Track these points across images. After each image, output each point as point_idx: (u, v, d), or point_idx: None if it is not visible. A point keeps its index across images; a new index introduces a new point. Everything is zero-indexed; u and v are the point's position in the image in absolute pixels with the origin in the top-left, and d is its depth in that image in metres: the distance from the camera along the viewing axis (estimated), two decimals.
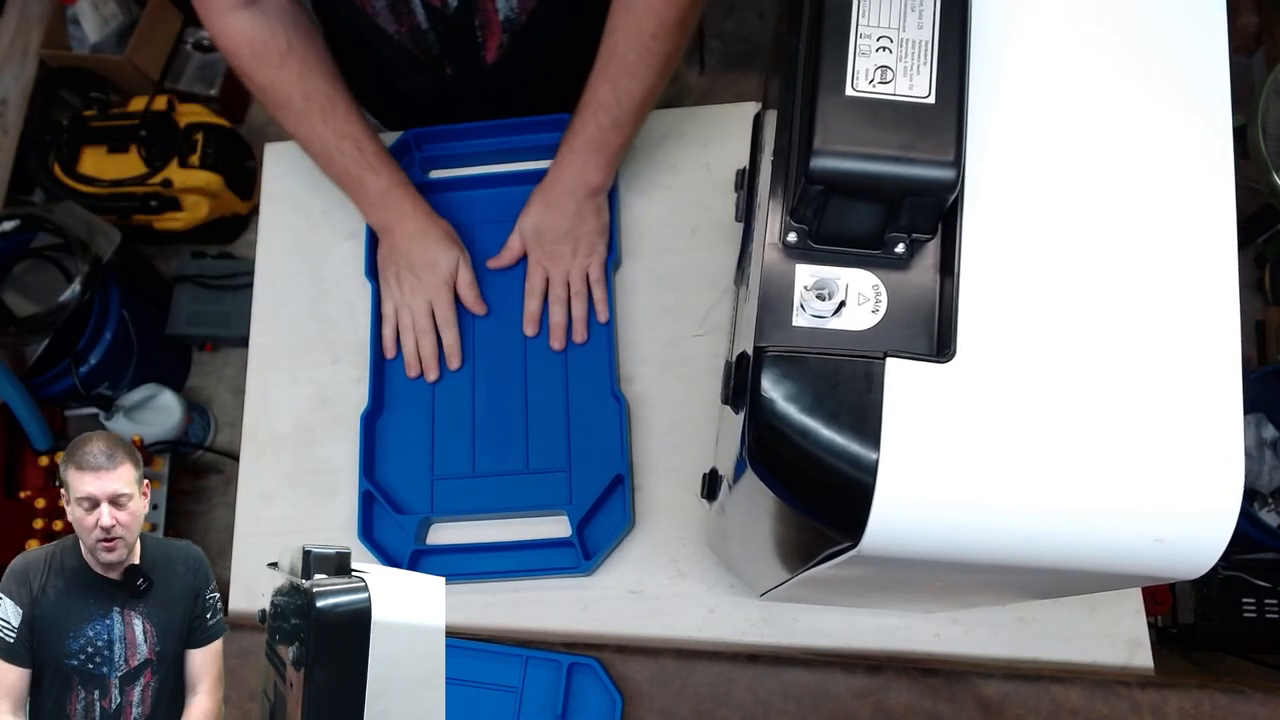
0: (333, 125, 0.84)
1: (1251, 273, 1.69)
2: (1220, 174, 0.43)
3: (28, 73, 1.81)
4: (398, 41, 0.89)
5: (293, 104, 0.83)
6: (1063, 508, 0.39)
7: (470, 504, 0.86)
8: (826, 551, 0.46)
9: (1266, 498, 1.42)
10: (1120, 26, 0.44)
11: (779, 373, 0.40)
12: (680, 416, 0.88)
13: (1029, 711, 0.75)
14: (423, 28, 0.87)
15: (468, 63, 0.91)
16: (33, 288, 1.57)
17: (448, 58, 0.91)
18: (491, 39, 0.89)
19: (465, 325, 0.92)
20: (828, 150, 0.39)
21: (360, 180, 0.87)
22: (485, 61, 0.91)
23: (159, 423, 1.63)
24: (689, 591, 0.83)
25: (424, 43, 0.88)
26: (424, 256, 0.88)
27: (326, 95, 0.84)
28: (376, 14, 0.86)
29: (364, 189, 0.87)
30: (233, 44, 0.82)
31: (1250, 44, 1.75)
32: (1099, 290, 0.41)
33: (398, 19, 0.86)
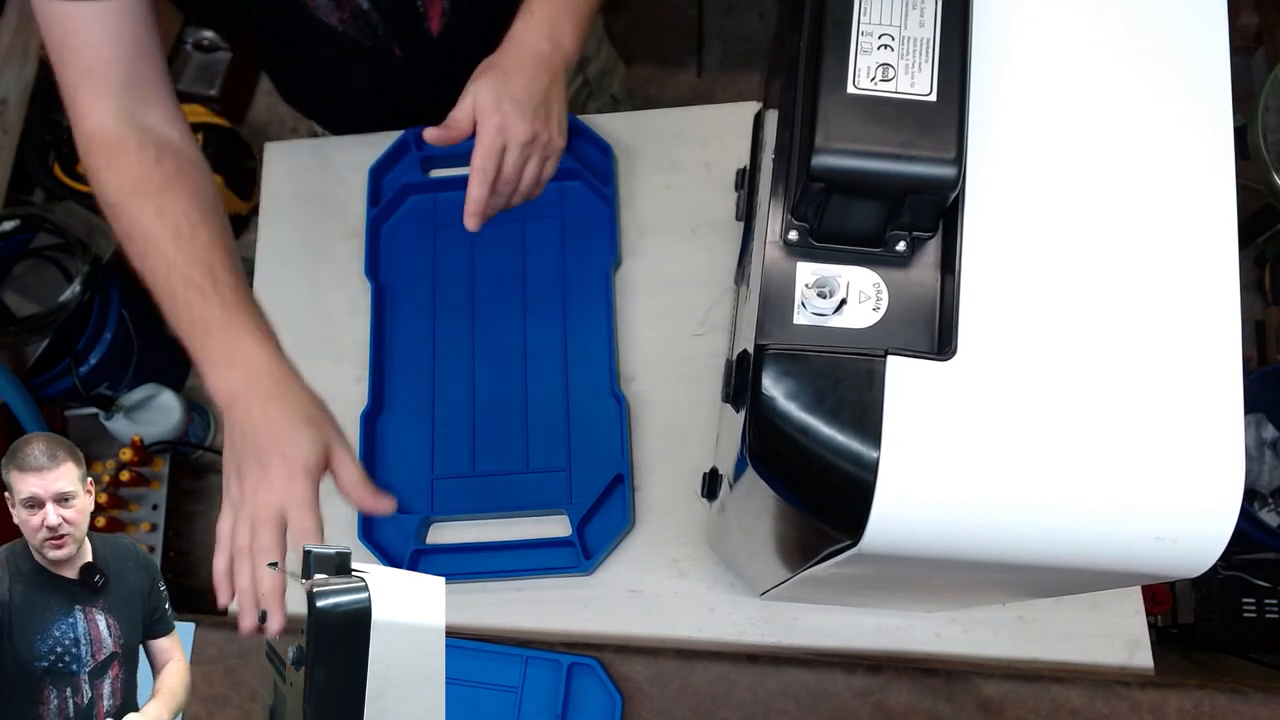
0: (185, 251, 0.65)
1: (1251, 273, 1.69)
2: (1221, 174, 0.43)
3: (28, 73, 1.80)
4: (341, 33, 0.87)
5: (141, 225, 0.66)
6: (1063, 506, 0.39)
7: (470, 504, 0.86)
8: (827, 550, 0.46)
9: (1266, 498, 1.42)
10: (1121, 26, 0.44)
11: (780, 371, 0.40)
12: (680, 416, 0.88)
13: (1029, 711, 0.75)
14: (363, 8, 0.85)
15: (414, 38, 0.89)
16: (33, 288, 1.57)
17: (394, 37, 0.89)
18: (433, 8, 0.87)
19: (464, 319, 0.92)
20: (829, 148, 0.39)
21: (205, 324, 0.64)
22: (431, 33, 0.89)
23: (159, 423, 1.63)
24: (689, 591, 0.83)
25: (368, 25, 0.87)
26: (272, 437, 0.62)
27: (186, 216, 0.66)
28: (317, 8, 0.84)
29: (209, 335, 0.64)
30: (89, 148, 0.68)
31: (1250, 44, 1.75)
32: (1100, 289, 0.41)
33: (339, 6, 0.84)
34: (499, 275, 0.93)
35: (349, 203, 0.99)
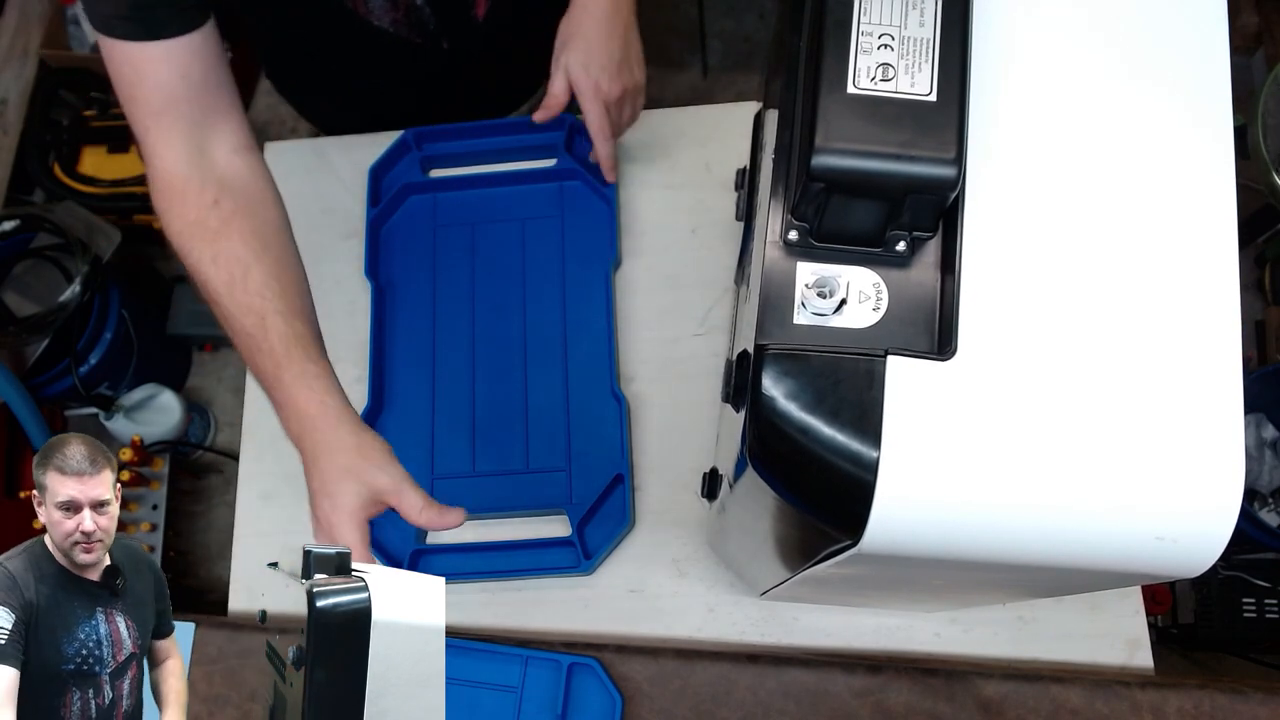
0: (238, 298, 0.68)
1: (1251, 273, 1.69)
2: (1221, 174, 0.43)
3: (28, 73, 1.80)
4: (394, 34, 0.88)
5: (200, 269, 0.69)
6: (1063, 506, 0.39)
7: (470, 503, 0.86)
8: (827, 550, 0.46)
9: (1266, 498, 1.42)
10: (1121, 26, 0.44)
11: (780, 370, 0.40)
12: (680, 416, 0.88)
13: (1029, 711, 0.75)
14: (417, 4, 0.86)
15: (462, 27, 0.90)
16: (33, 288, 1.57)
17: (443, 30, 0.90)
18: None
19: (464, 319, 0.92)
20: (829, 148, 0.39)
21: (260, 372, 0.69)
22: (477, 19, 0.90)
23: (159, 423, 1.63)
24: (689, 591, 0.83)
25: (419, 21, 0.88)
26: (321, 488, 0.69)
27: (240, 262, 0.68)
28: (371, 12, 0.85)
29: (264, 383, 0.69)
30: (156, 186, 0.70)
31: (1250, 44, 1.75)
32: (1100, 289, 0.41)
33: (394, 6, 0.85)
34: (499, 275, 0.93)
35: (349, 203, 0.99)
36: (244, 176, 0.71)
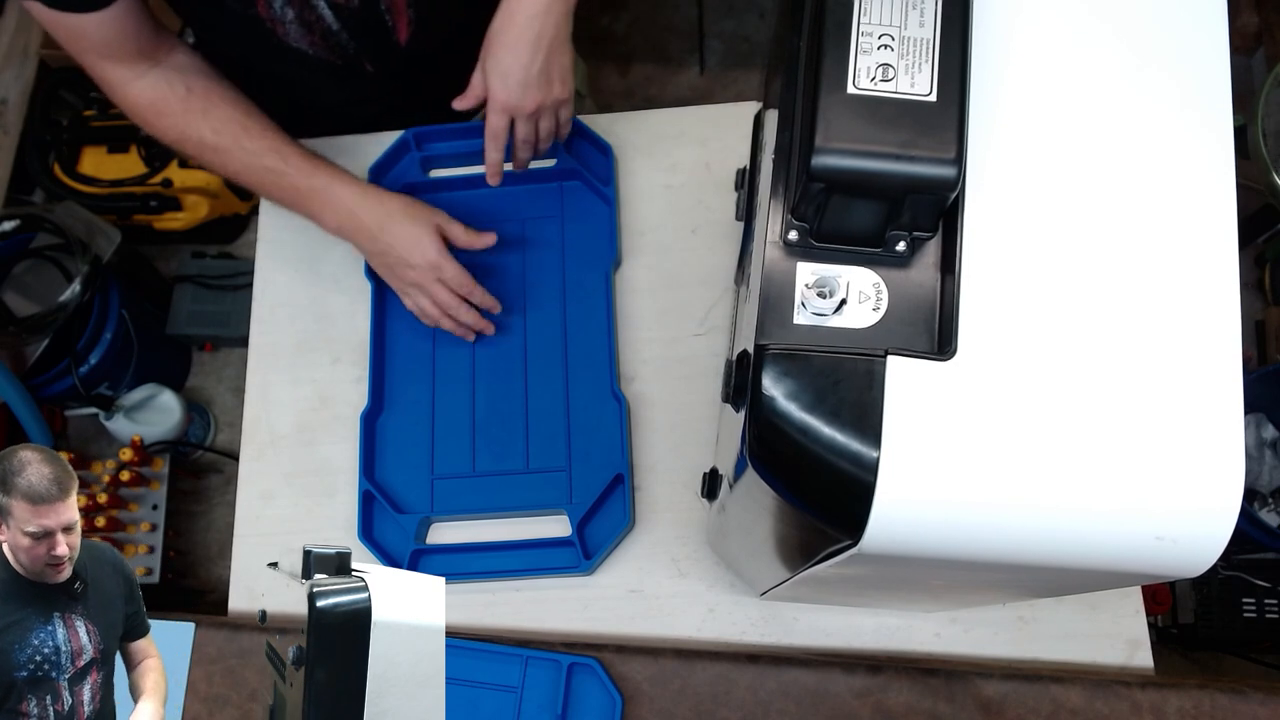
0: (250, 147, 0.82)
1: (1251, 273, 1.69)
2: (1220, 174, 0.43)
3: (28, 73, 1.80)
4: (313, 56, 0.87)
5: (207, 143, 0.81)
6: (1063, 506, 0.39)
7: (470, 503, 0.86)
8: (827, 550, 0.46)
9: (1266, 498, 1.42)
10: (1121, 26, 0.44)
11: (780, 370, 0.40)
12: (680, 416, 0.88)
13: (1029, 711, 0.75)
14: (333, 30, 0.85)
15: (383, 50, 0.90)
16: (33, 288, 1.57)
17: (364, 53, 0.89)
18: (400, 18, 0.88)
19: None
20: (829, 148, 0.39)
21: (297, 191, 0.84)
22: (400, 44, 0.90)
23: (159, 423, 1.63)
24: (689, 591, 0.83)
25: (338, 45, 0.87)
26: (403, 243, 0.84)
27: (236, 121, 0.81)
28: (288, 34, 0.85)
29: (305, 199, 0.84)
30: (137, 111, 0.81)
31: (1250, 44, 1.75)
32: (1100, 289, 0.41)
33: (309, 30, 0.85)
34: (499, 275, 0.93)
35: None
36: (197, 63, 0.83)
